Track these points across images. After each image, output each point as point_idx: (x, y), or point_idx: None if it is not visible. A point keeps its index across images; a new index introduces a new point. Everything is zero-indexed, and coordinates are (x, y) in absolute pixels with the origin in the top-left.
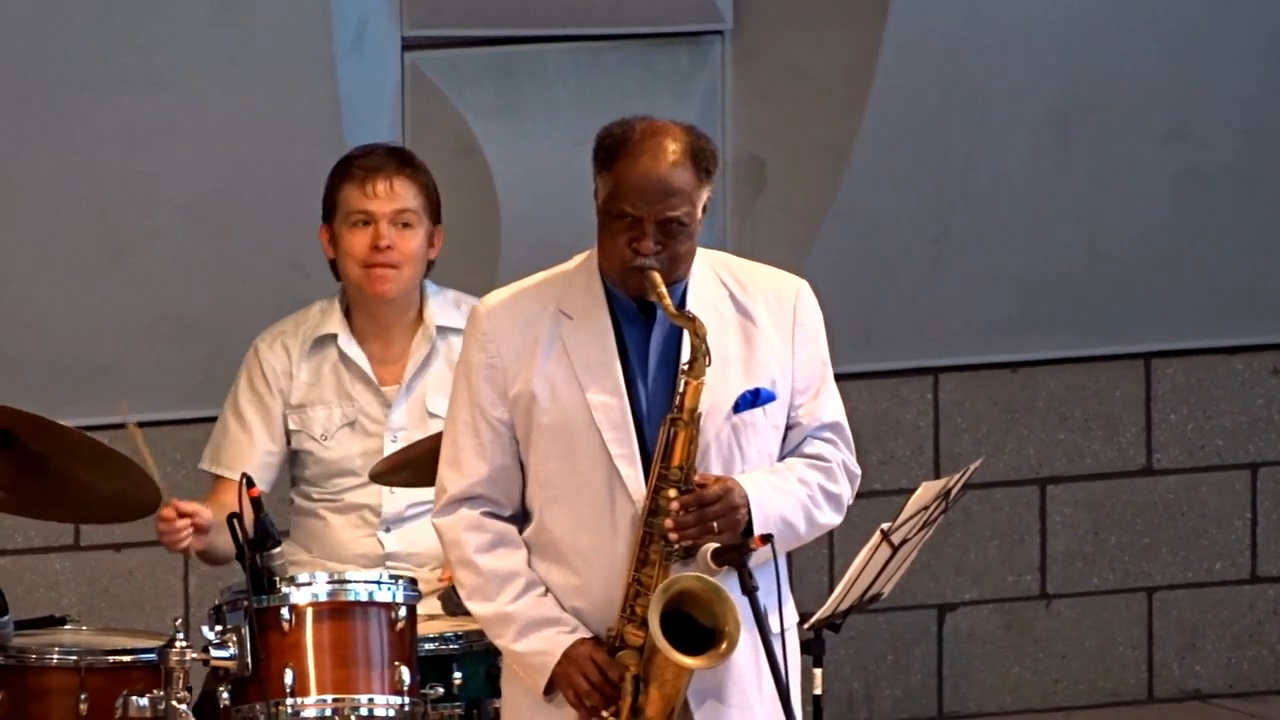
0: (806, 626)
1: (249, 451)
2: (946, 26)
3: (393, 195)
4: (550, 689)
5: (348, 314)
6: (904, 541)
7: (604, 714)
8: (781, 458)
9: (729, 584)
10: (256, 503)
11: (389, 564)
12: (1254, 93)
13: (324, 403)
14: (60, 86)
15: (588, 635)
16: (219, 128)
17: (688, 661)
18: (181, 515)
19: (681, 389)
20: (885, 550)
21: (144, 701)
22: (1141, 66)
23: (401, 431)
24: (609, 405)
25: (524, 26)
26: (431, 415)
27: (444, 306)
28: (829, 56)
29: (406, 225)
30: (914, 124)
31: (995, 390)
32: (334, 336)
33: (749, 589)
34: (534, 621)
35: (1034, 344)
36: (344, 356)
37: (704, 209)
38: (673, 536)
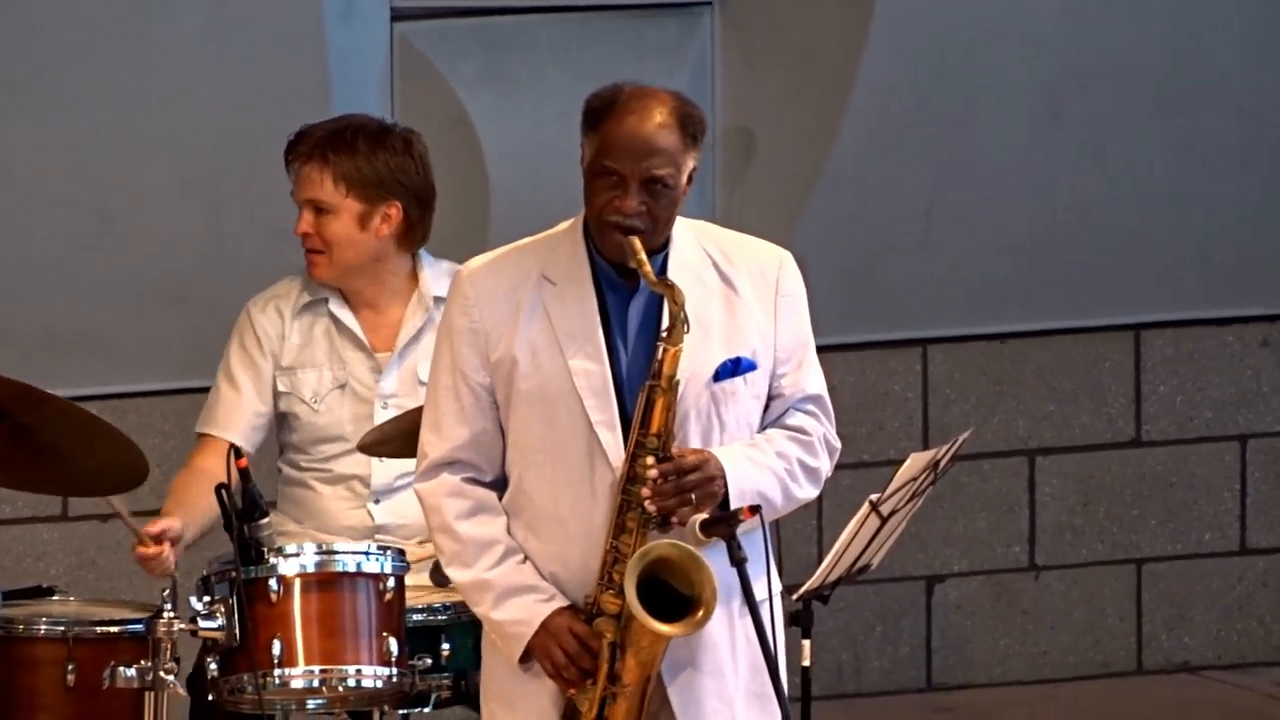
0: (795, 598)
1: (238, 411)
2: None
3: (303, 183)
4: (527, 658)
5: None
6: (893, 513)
7: (584, 683)
8: (763, 428)
9: (714, 554)
10: (244, 473)
11: (378, 536)
12: (1247, 66)
13: (315, 365)
14: (48, 57)
15: (565, 603)
16: (208, 98)
17: (663, 629)
18: (156, 541)
19: (659, 356)
20: (874, 521)
21: (131, 672)
22: (1134, 38)
23: (392, 398)
24: (590, 371)
25: None
26: (423, 383)
27: (439, 276)
28: (819, 27)
29: (322, 211)
30: (904, 94)
31: (984, 361)
32: (325, 300)
33: (738, 560)
34: (511, 589)
35: (1023, 315)
36: (336, 320)
37: (689, 178)
38: (649, 504)
